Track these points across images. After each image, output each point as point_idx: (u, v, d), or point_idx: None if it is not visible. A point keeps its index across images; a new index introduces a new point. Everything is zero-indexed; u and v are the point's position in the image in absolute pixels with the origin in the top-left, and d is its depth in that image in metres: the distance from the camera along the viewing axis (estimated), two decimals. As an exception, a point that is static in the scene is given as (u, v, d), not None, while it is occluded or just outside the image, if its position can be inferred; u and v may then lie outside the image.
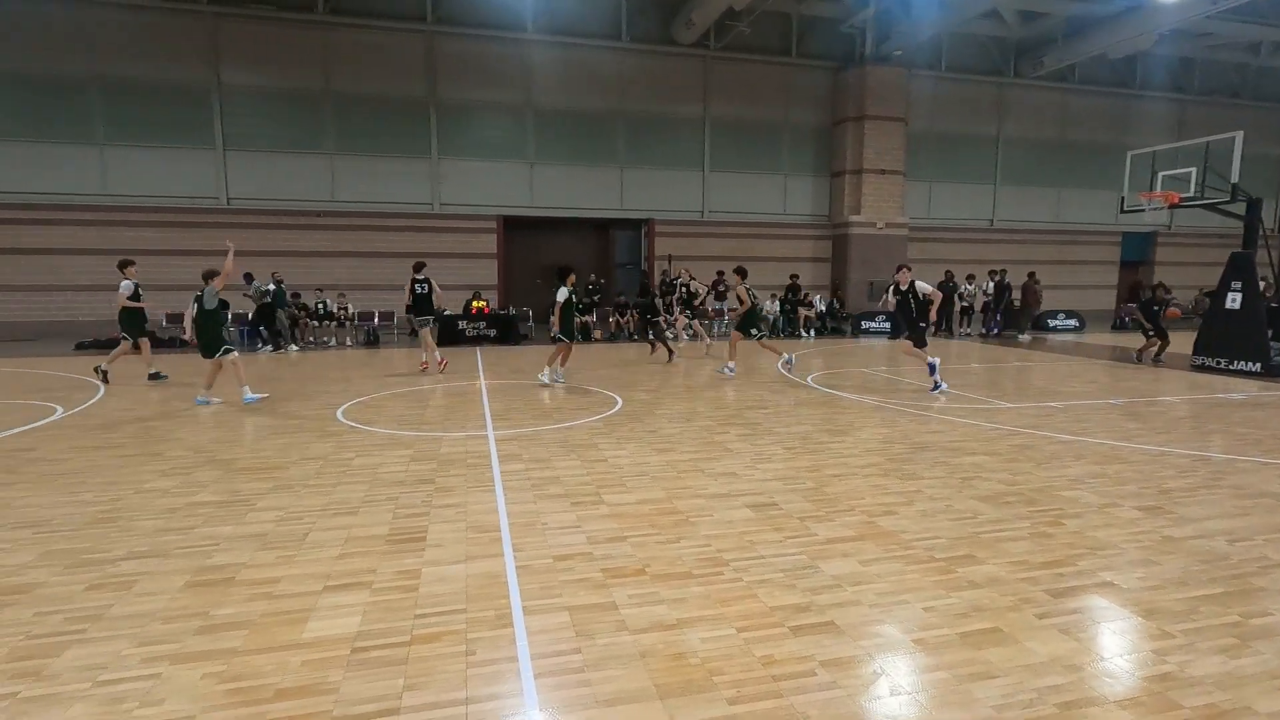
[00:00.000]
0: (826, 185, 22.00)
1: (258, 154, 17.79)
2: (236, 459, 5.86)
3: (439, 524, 4.31)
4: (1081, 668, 2.73)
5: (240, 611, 3.18)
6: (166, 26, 16.85)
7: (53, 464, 5.70)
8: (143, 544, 3.98)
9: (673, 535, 4.13)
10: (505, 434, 6.79)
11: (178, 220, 17.34)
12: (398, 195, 18.74)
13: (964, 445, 6.39)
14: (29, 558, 3.79)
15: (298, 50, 17.66)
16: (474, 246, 19.33)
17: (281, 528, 4.24)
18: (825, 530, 4.22)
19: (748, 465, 5.70)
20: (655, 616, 3.13)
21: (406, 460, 5.81)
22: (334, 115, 18.13)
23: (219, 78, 17.30)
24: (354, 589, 3.40)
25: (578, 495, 4.89)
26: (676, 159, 20.68)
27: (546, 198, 19.85)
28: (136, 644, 2.89)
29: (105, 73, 16.65)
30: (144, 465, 5.66)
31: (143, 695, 2.54)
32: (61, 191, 16.68)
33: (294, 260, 17.94)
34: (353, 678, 2.65)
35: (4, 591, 3.38)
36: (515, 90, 19.19)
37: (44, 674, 2.67)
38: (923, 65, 21.65)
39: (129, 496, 4.86)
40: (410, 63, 18.37)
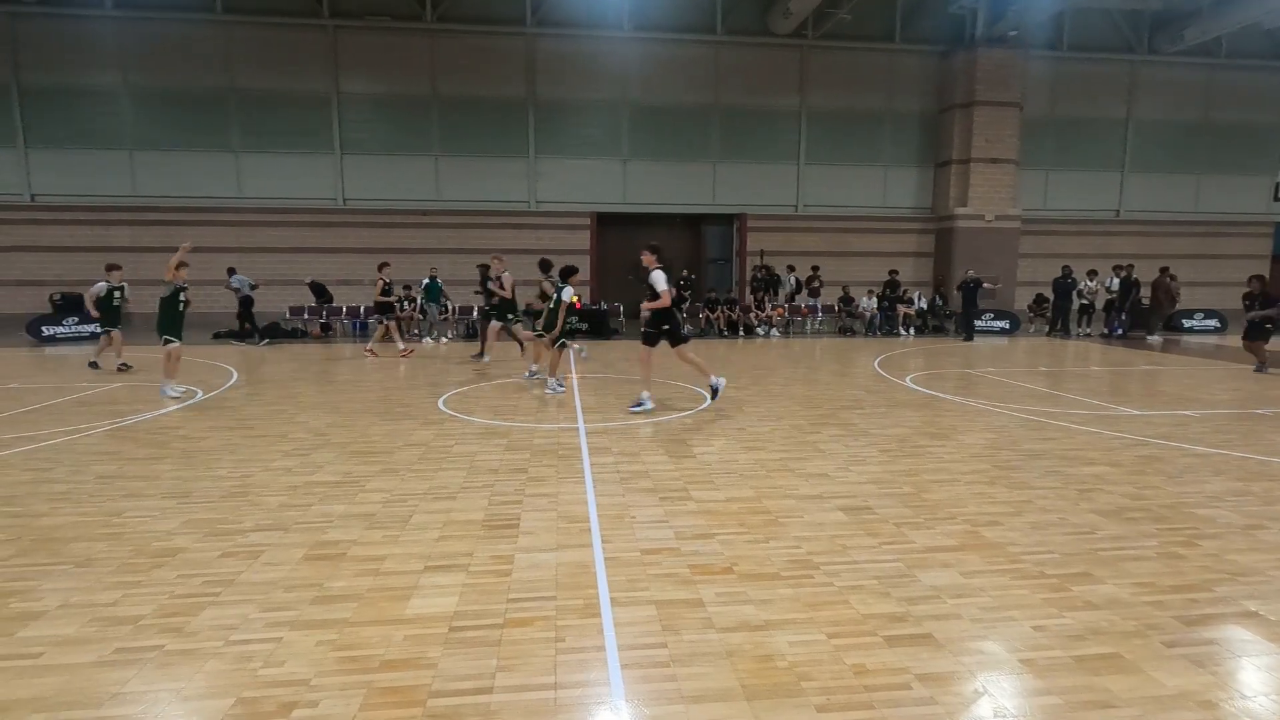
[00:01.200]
0: (930, 176, 20.93)
1: (371, 157, 18.94)
2: (350, 443, 6.28)
3: (531, 512, 4.44)
4: (1218, 705, 2.47)
5: (350, 585, 3.40)
6: (293, 41, 18.23)
7: (194, 442, 6.31)
8: (268, 518, 4.34)
9: (761, 535, 4.07)
10: (595, 426, 6.91)
11: (300, 220, 18.76)
12: (497, 194, 19.43)
13: (1082, 454, 5.92)
14: (174, 525, 4.21)
15: (408, 57, 18.64)
16: (568, 243, 19.74)
17: (387, 509, 4.51)
18: (924, 538, 4.03)
19: (841, 467, 5.53)
20: (742, 616, 3.09)
21: (502, 449, 6.02)
22: (440, 118, 19.01)
23: (338, 86, 18.55)
24: (452, 570, 3.57)
25: (666, 490, 4.90)
26: (771, 152, 20.28)
27: (639, 194, 19.99)
28: (262, 609, 3.16)
29: (239, 85, 18.22)
30: (271, 446, 6.16)
31: (266, 656, 2.77)
32: (203, 194, 18.43)
33: (402, 257, 18.93)
34: (450, 655, 2.78)
35: (154, 554, 3.77)
36: (610, 88, 19.42)
37: (185, 630, 2.97)
38: (1041, 45, 20.13)
39: (258, 473, 5.30)
40: (510, 65, 18.97)
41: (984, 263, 19.91)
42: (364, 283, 18.86)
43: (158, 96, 18.10)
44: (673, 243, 21.21)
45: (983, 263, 19.91)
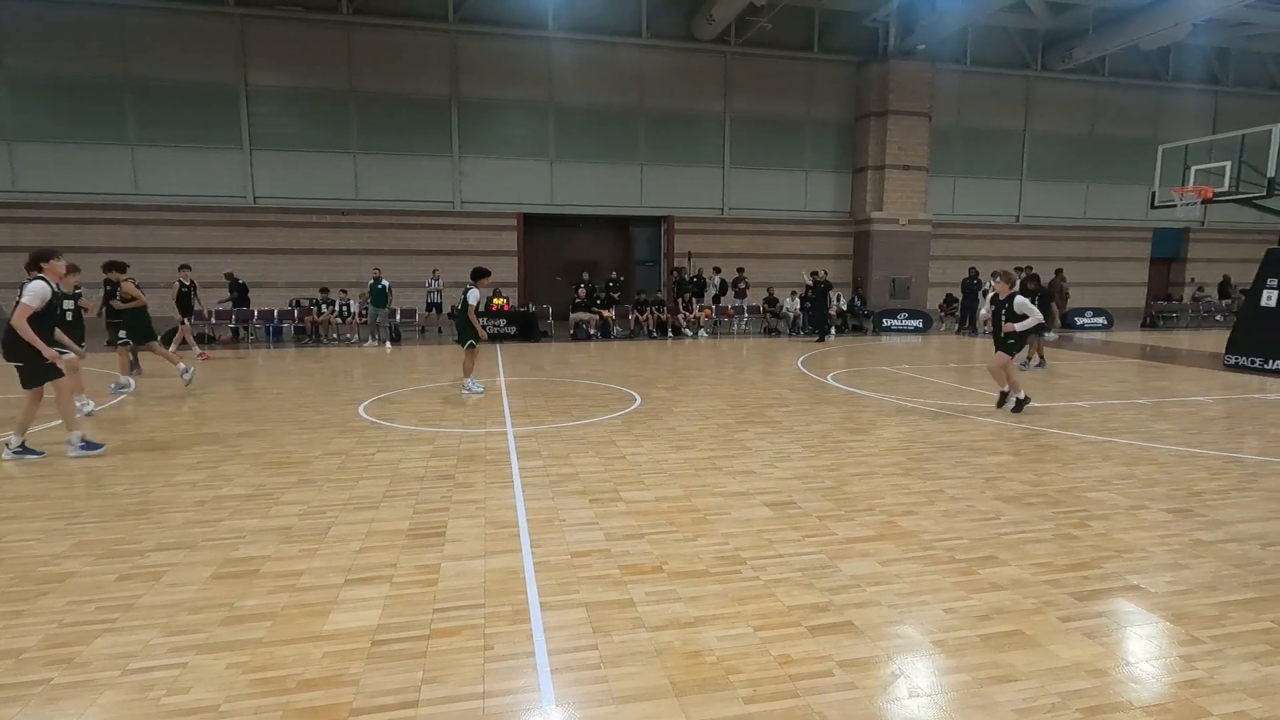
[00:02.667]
0: (849, 181, 21.78)
1: (283, 153, 18.05)
2: (262, 453, 5.96)
3: (459, 519, 4.35)
4: (1107, 673, 2.68)
5: (265, 603, 3.23)
6: (195, 28, 17.15)
7: (86, 458, 5.83)
8: (171, 536, 4.07)
9: (691, 533, 4.12)
10: (525, 430, 6.83)
11: (206, 219, 17.67)
12: (420, 193, 18.91)
13: (988, 445, 6.30)
14: (63, 548, 3.89)
15: (323, 50, 17.88)
16: (495, 244, 19.43)
17: (305, 521, 4.31)
18: (845, 530, 4.18)
19: (767, 463, 5.67)
20: (672, 614, 3.13)
21: (427, 456, 5.87)
22: (358, 114, 18.33)
23: (246, 78, 17.58)
24: (375, 583, 3.45)
25: (596, 492, 4.90)
26: (697, 155, 20.60)
27: (566, 195, 19.90)
28: (165, 633, 2.96)
29: (135, 74, 17.00)
30: (174, 459, 5.78)
31: (170, 683, 2.59)
32: (95, 191, 17.09)
33: (319, 259, 18.21)
34: (373, 670, 2.68)
35: (39, 580, 3.47)
36: (536, 88, 19.25)
37: (75, 661, 2.74)
38: (947, 59, 21.32)
39: (159, 489, 4.96)
40: (433, 62, 18.51)
41: (900, 264, 20.91)
42: (277, 285, 18.01)
43: (41, 83, 16.65)
44: (601, 244, 21.25)
45: (899, 264, 20.90)
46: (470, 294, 8.61)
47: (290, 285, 17.88)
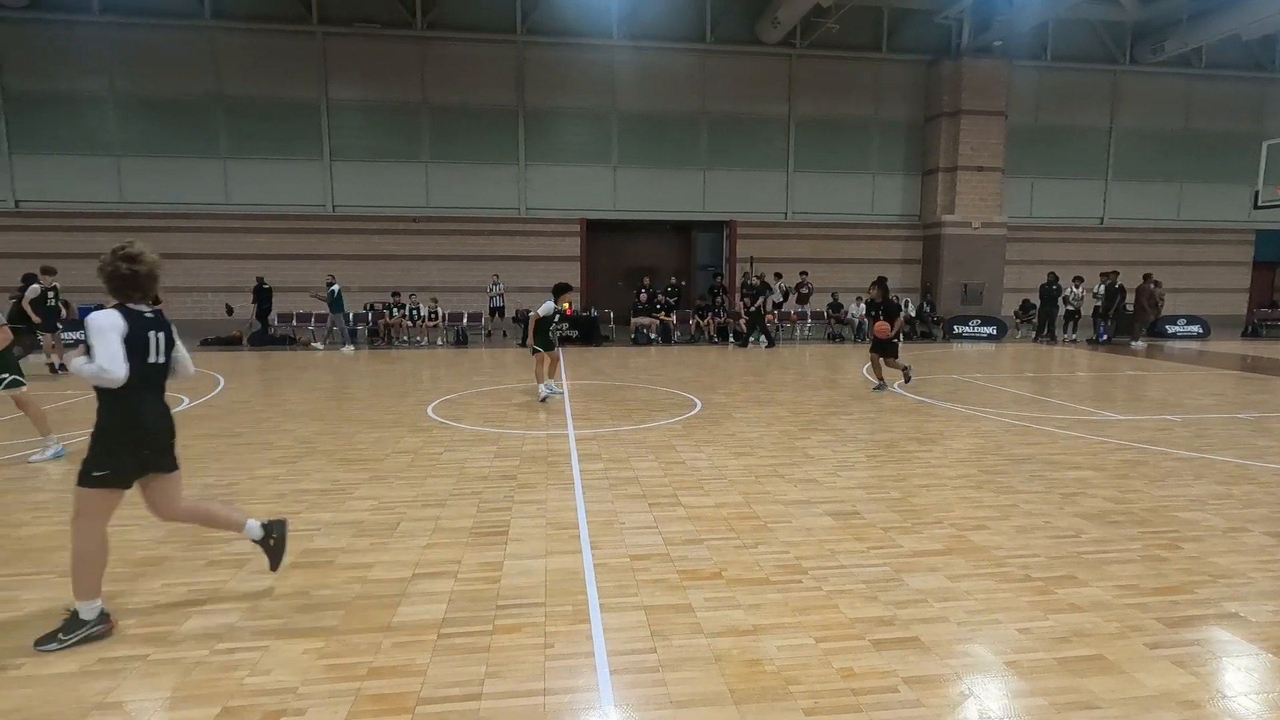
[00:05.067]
0: (918, 184, 21.14)
1: (360, 164, 18.90)
2: (337, 450, 6.24)
3: (520, 519, 4.44)
4: (1200, 705, 2.50)
5: (338, 593, 3.38)
6: (281, 47, 18.17)
7: (182, 449, 6.23)
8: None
9: (750, 540, 4.08)
10: (585, 433, 6.91)
11: (289, 227, 18.68)
12: (487, 200, 19.43)
13: (1066, 459, 5.98)
14: (159, 534, 4.17)
15: (397, 65, 18.64)
16: (558, 249, 19.76)
17: (376, 517, 4.49)
18: (911, 542, 4.05)
19: (829, 472, 5.56)
20: (731, 621, 3.10)
21: (491, 456, 6.01)
22: (430, 125, 19.01)
23: (327, 93, 18.51)
24: (441, 578, 3.55)
25: (655, 496, 4.91)
26: (760, 159, 20.42)
27: (629, 200, 20.06)
28: (248, 618, 3.13)
29: (227, 92, 18.15)
30: (257, 453, 6.12)
31: (253, 665, 2.75)
32: (190, 201, 18.32)
33: (392, 264, 18.94)
34: (439, 662, 2.77)
35: (138, 563, 3.74)
36: (600, 96, 19.50)
37: (169, 639, 2.94)
38: (1025, 55, 20.43)
39: (243, 481, 5.27)
40: (501, 73, 19.02)
41: (972, 269, 20.13)
42: (352, 289, 18.80)
43: (145, 102, 17.99)
44: (662, 249, 21.31)
45: (971, 269, 20.13)
46: (544, 305, 8.77)
47: (364, 290, 18.66)
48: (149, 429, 3.04)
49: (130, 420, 2.96)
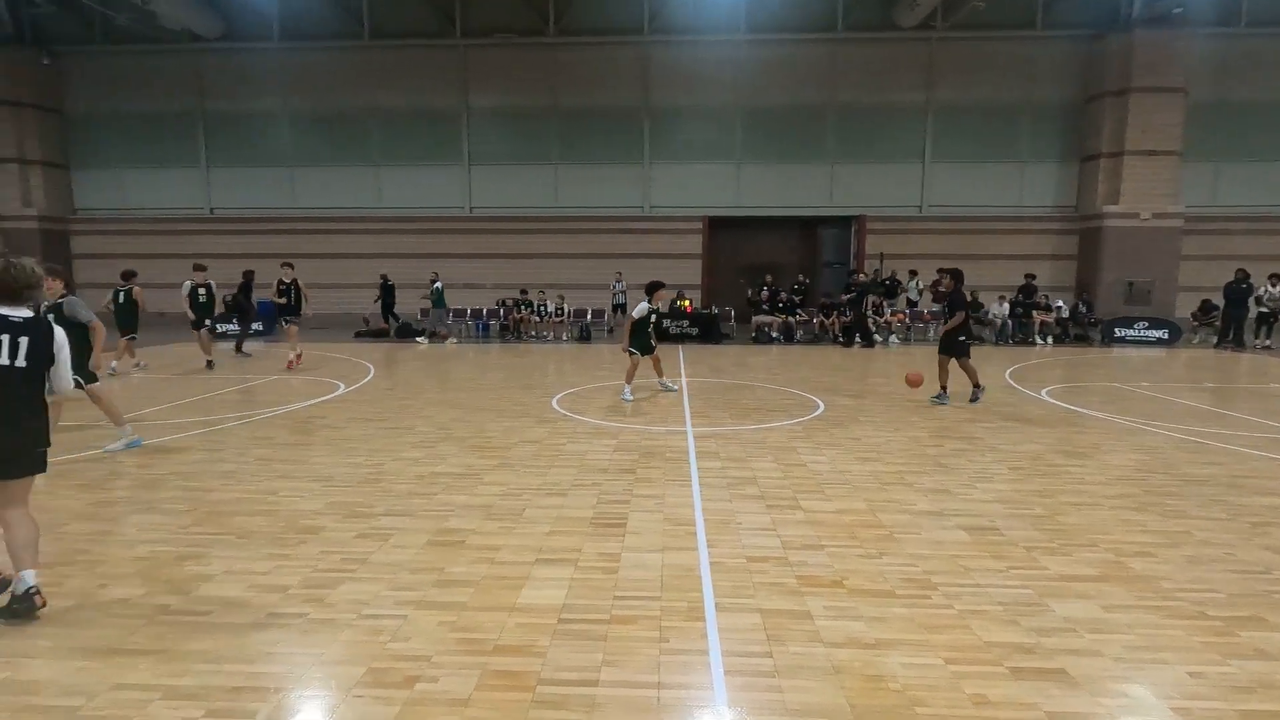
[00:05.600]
0: (1075, 171, 19.23)
1: (495, 167, 20.00)
2: (470, 438, 6.64)
3: (638, 513, 4.51)
4: None
5: (468, 572, 3.60)
6: (428, 61, 19.59)
7: (337, 431, 6.91)
8: (398, 504, 4.68)
9: (874, 550, 3.90)
10: (703, 431, 6.90)
11: (432, 228, 20.14)
12: (611, 200, 19.91)
13: (1256, 483, 5.22)
14: (318, 505, 4.64)
15: (530, 72, 19.52)
16: (679, 247, 19.88)
17: (503, 502, 4.73)
18: (1058, 565, 3.70)
19: (965, 484, 5.19)
20: (852, 632, 2.98)
21: (611, 450, 6.15)
22: (559, 128, 19.76)
23: (468, 102, 19.73)
24: (561, 565, 3.69)
25: (773, 498, 4.82)
26: (893, 150, 19.43)
27: (752, 197, 19.80)
28: (391, 588, 3.41)
29: (381, 105, 19.83)
30: (400, 437, 6.64)
31: (394, 631, 2.99)
32: (349, 205, 20.22)
33: (523, 262, 19.89)
34: (559, 645, 2.88)
35: (301, 531, 4.18)
36: (724, 92, 19.37)
37: (325, 601, 3.26)
38: (1210, 22, 17.96)
39: (389, 463, 5.74)
40: (627, 74, 19.39)
41: (1139, 265, 18.06)
42: (485, 286, 19.91)
43: (312, 117, 20.07)
44: (786, 246, 20.83)
45: (1138, 265, 18.06)
46: (639, 306, 8.72)
47: (496, 287, 19.73)
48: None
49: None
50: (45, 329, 3.20)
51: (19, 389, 3.10)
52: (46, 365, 3.18)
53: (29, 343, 3.11)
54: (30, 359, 3.11)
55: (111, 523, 4.34)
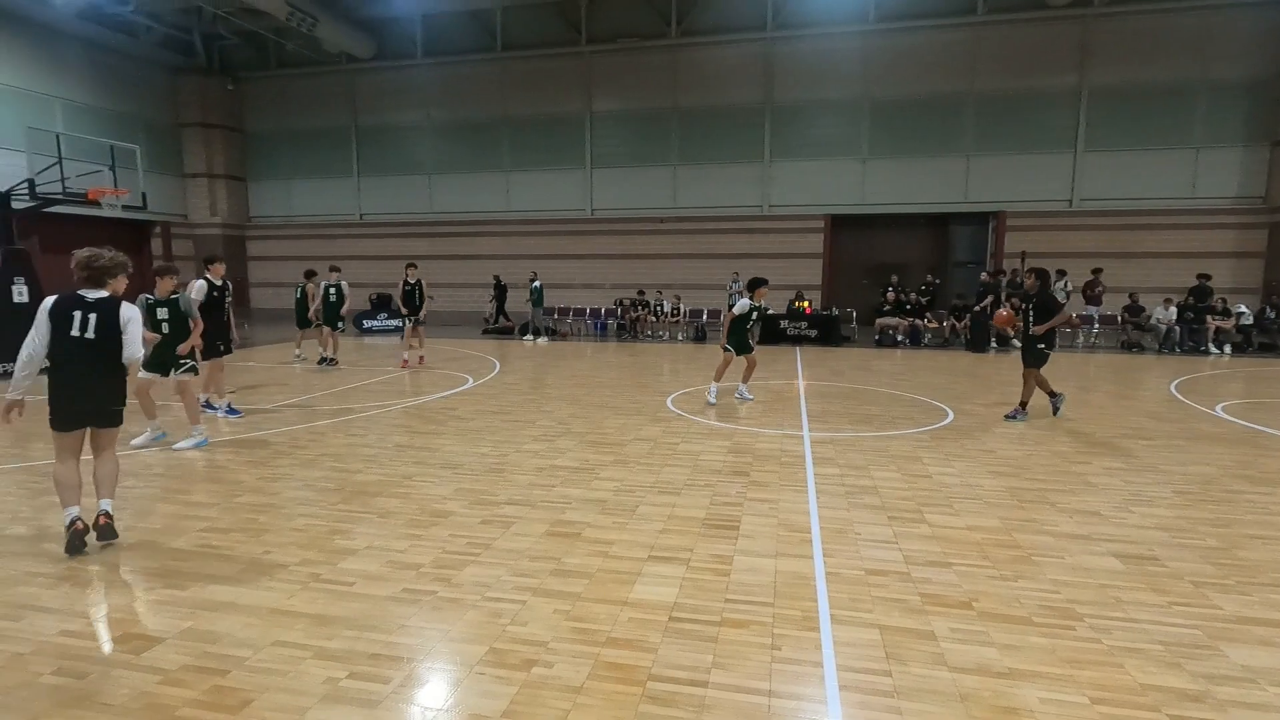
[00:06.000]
0: (1265, 157, 16.80)
1: (615, 170, 20.43)
2: (587, 433, 6.83)
3: (751, 516, 4.45)
4: None
5: (583, 563, 3.71)
6: (554, 69, 20.33)
7: (465, 422, 7.35)
8: (519, 494, 4.90)
9: (1009, 572, 3.62)
10: (821, 436, 6.69)
11: (555, 230, 20.91)
12: (730, 199, 19.75)
13: None
14: (448, 491, 4.96)
15: (651, 74, 19.76)
16: (799, 246, 19.38)
17: (618, 498, 4.83)
18: (1234, 605, 3.26)
19: (1118, 506, 4.69)
20: (982, 658, 2.78)
21: (724, 451, 6.11)
22: (679, 129, 19.86)
23: (591, 106, 20.29)
24: (673, 563, 3.71)
25: (896, 510, 4.59)
26: (1038, 140, 17.86)
27: (878, 194, 18.92)
28: (511, 573, 3.58)
29: (510, 113, 20.82)
30: (523, 430, 6.95)
31: (514, 615, 3.13)
32: (480, 209, 21.42)
33: (642, 262, 20.19)
34: (669, 643, 2.90)
35: (432, 514, 4.48)
36: (850, 86, 18.65)
37: (452, 581, 3.48)
38: None
39: (511, 454, 6.02)
40: (748, 72, 19.16)
41: (1346, 264, 15.52)
42: (604, 286, 20.38)
43: (451, 128, 21.45)
44: (914, 245, 19.75)
45: (1344, 264, 15.53)
46: (740, 302, 8.46)
47: (615, 286, 20.15)
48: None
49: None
50: (110, 305, 3.82)
51: (93, 358, 3.75)
52: (115, 337, 3.79)
53: (97, 319, 3.74)
54: (98, 333, 3.74)
55: (274, 496, 4.86)
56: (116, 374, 3.88)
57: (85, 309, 3.75)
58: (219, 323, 7.32)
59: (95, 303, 3.79)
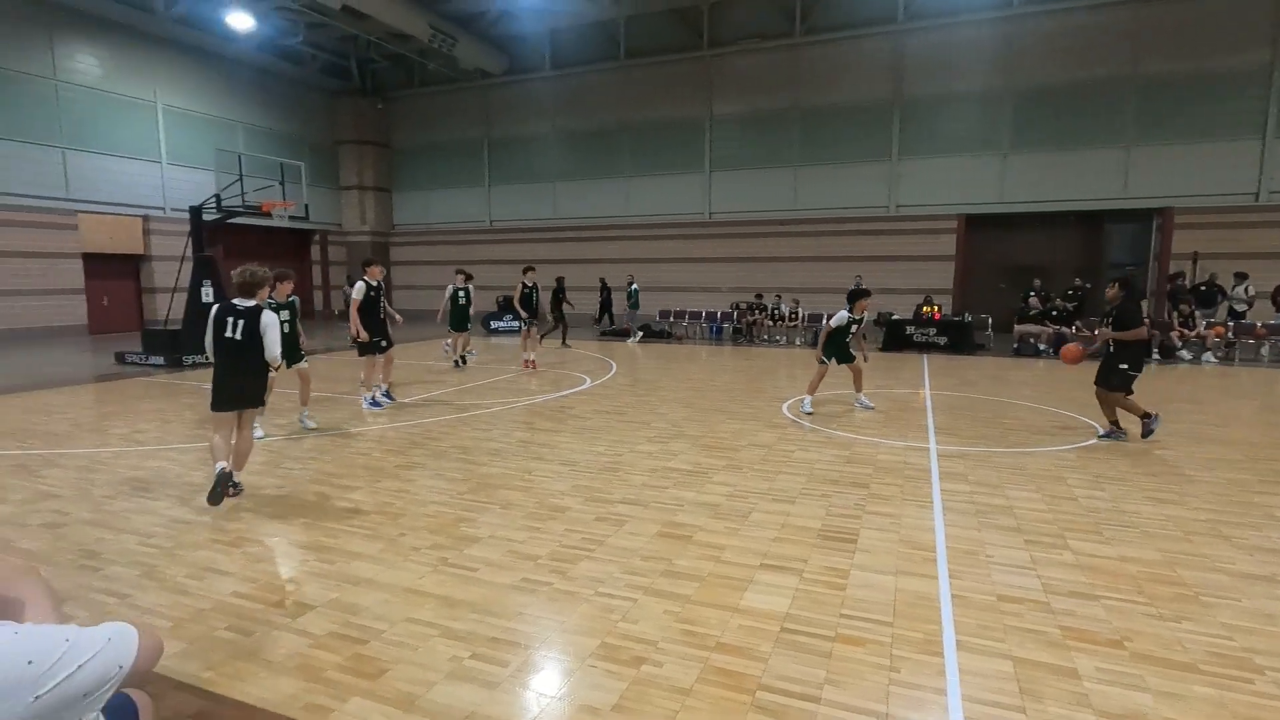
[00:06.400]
0: None
1: (734, 172, 20.29)
2: (701, 436, 6.83)
3: (870, 530, 4.27)
4: None
5: (694, 566, 3.71)
6: (675, 74, 20.52)
7: (583, 421, 7.58)
8: (632, 493, 4.99)
9: (1170, 611, 3.23)
10: (950, 450, 6.30)
11: (672, 234, 21.09)
12: (854, 200, 19.05)
13: None
14: (565, 487, 5.13)
15: (773, 75, 19.46)
16: (929, 248, 18.35)
17: (730, 503, 4.79)
18: None
19: (1312, 545, 4.06)
20: (1134, 704, 2.51)
21: (842, 461, 5.90)
22: (800, 129, 19.41)
23: (711, 110, 20.29)
24: (786, 573, 3.63)
25: (1035, 533, 4.23)
26: (1214, 125, 15.84)
27: (1020, 190, 17.54)
28: (623, 571, 3.65)
29: (630, 119, 21.24)
30: (637, 431, 7.06)
31: (625, 612, 3.19)
32: (601, 215, 22.00)
33: (760, 266, 19.93)
34: (780, 654, 2.84)
35: (550, 509, 4.66)
36: (990, 75, 17.43)
37: (567, 575, 3.60)
38: None
39: (626, 454, 6.13)
40: (875, 67, 18.40)
41: None
42: (721, 290, 20.30)
43: (574, 136, 22.21)
44: (1060, 245, 18.12)
45: None
46: (838, 314, 8.10)
47: (732, 290, 20.02)
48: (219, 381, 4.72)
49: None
50: (254, 313, 4.64)
51: (241, 354, 4.64)
52: (258, 340, 4.61)
53: (244, 325, 4.60)
54: (244, 336, 4.61)
55: (409, 483, 5.24)
56: (260, 368, 4.75)
57: (235, 316, 4.64)
58: (377, 321, 8.01)
59: (244, 310, 4.65)
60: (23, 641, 1.17)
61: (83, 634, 1.24)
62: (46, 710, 1.15)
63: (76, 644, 1.21)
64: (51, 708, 1.16)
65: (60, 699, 1.17)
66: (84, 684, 1.20)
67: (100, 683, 1.23)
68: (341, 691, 2.60)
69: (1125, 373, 6.61)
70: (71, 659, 1.19)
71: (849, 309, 8.10)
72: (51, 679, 1.16)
